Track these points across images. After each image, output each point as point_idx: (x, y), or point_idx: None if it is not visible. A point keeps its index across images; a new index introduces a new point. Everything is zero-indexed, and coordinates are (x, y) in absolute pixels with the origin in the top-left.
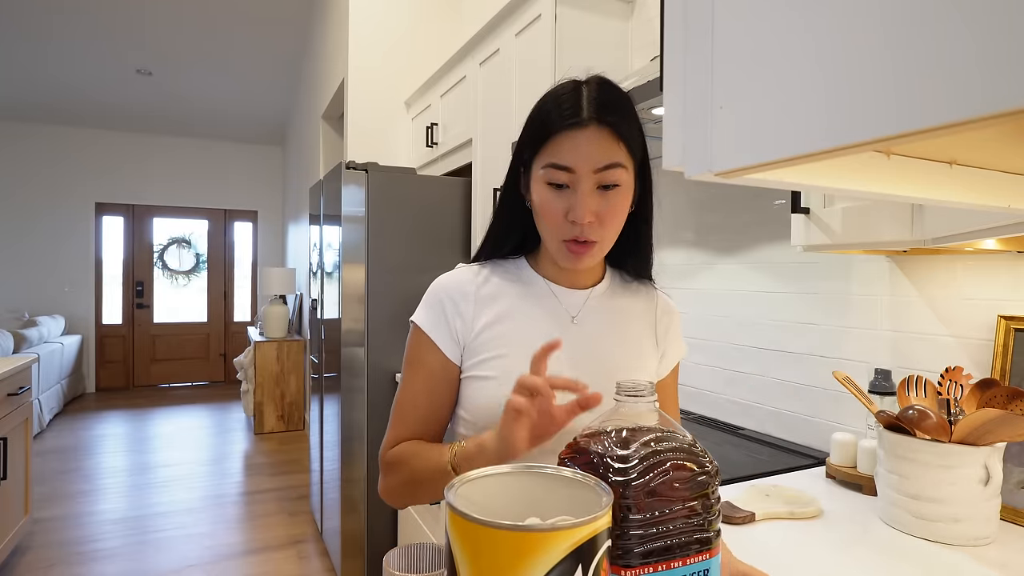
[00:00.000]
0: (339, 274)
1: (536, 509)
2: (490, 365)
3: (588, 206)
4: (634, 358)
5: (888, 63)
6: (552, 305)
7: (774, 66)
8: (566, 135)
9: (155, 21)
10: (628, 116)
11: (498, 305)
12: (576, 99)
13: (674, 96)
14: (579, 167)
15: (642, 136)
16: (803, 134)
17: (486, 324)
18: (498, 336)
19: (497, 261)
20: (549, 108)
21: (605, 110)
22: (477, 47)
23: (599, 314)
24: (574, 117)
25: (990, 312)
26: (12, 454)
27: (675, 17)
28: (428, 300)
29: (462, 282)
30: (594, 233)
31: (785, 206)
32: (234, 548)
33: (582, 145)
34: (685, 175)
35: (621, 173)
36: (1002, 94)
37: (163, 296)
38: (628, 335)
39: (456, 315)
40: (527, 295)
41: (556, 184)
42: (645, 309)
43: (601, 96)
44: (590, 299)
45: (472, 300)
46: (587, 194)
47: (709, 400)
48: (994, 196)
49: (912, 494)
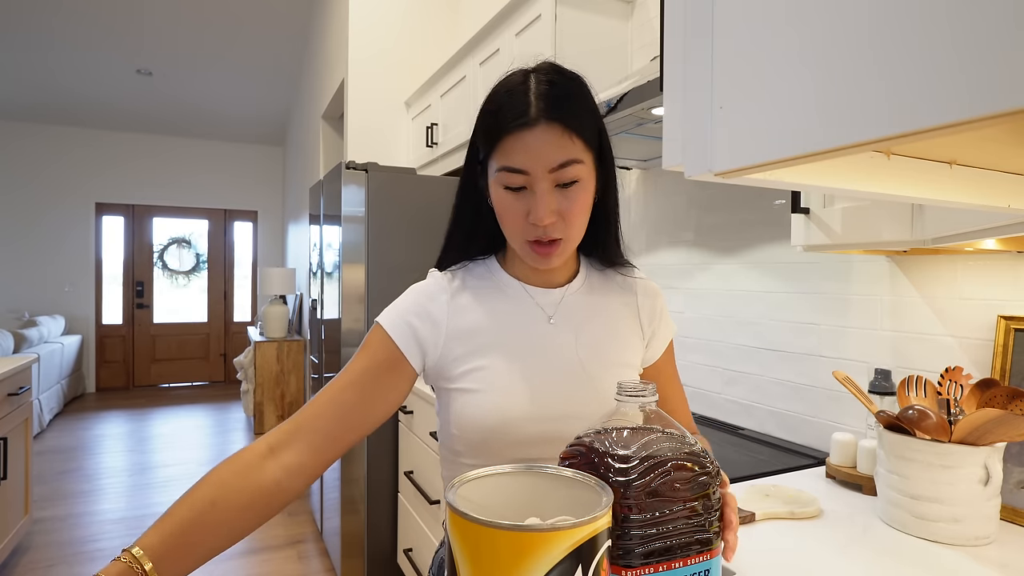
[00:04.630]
0: (339, 274)
1: (536, 509)
2: (472, 377)
3: (548, 207)
4: (615, 352)
5: (888, 63)
6: (527, 307)
7: (774, 66)
8: (515, 136)
9: (155, 21)
10: (580, 105)
11: (473, 314)
12: (523, 95)
13: (674, 96)
14: (533, 169)
15: (597, 121)
16: (803, 134)
17: (463, 335)
18: (477, 348)
19: (468, 265)
20: (496, 106)
21: (554, 104)
22: (477, 47)
23: (576, 311)
24: (522, 117)
25: (990, 312)
26: (12, 454)
27: (675, 18)
28: (401, 305)
29: (436, 291)
30: (558, 232)
31: (785, 206)
32: (234, 548)
33: (533, 146)
34: (685, 175)
35: (578, 168)
36: (1002, 94)
37: (163, 296)
38: (608, 329)
39: (427, 324)
40: (502, 300)
41: (512, 187)
42: (625, 298)
43: (549, 89)
44: (566, 297)
45: (446, 309)
46: (545, 195)
47: (709, 400)
48: (994, 196)
49: (912, 494)
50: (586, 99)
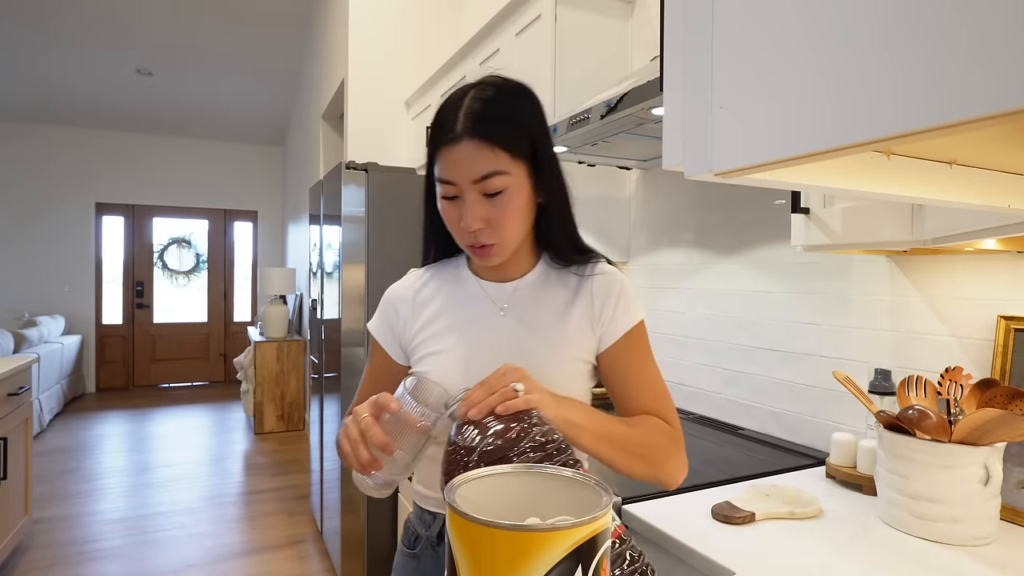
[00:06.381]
0: (339, 274)
1: (536, 509)
2: (427, 361)
3: (475, 215)
4: (560, 342)
5: (888, 63)
6: (481, 300)
7: (774, 66)
8: (446, 150)
9: (155, 21)
10: (507, 119)
11: (432, 307)
12: (455, 112)
13: (674, 96)
14: (459, 181)
15: (529, 132)
16: (803, 134)
17: (423, 325)
18: (433, 335)
19: (443, 262)
20: (435, 122)
21: (478, 122)
22: (477, 47)
23: (526, 304)
24: (449, 133)
25: (990, 312)
26: (12, 454)
27: (675, 17)
28: (379, 308)
29: (404, 289)
30: (488, 237)
31: (785, 206)
32: (234, 548)
33: (459, 160)
34: (685, 175)
35: (503, 179)
36: (1002, 94)
37: (163, 296)
38: (555, 320)
39: (397, 319)
40: (459, 294)
41: (447, 196)
42: (579, 291)
43: (477, 106)
44: (517, 290)
45: (410, 305)
46: (472, 204)
47: (709, 400)
48: (994, 196)
49: (912, 494)
50: (519, 112)
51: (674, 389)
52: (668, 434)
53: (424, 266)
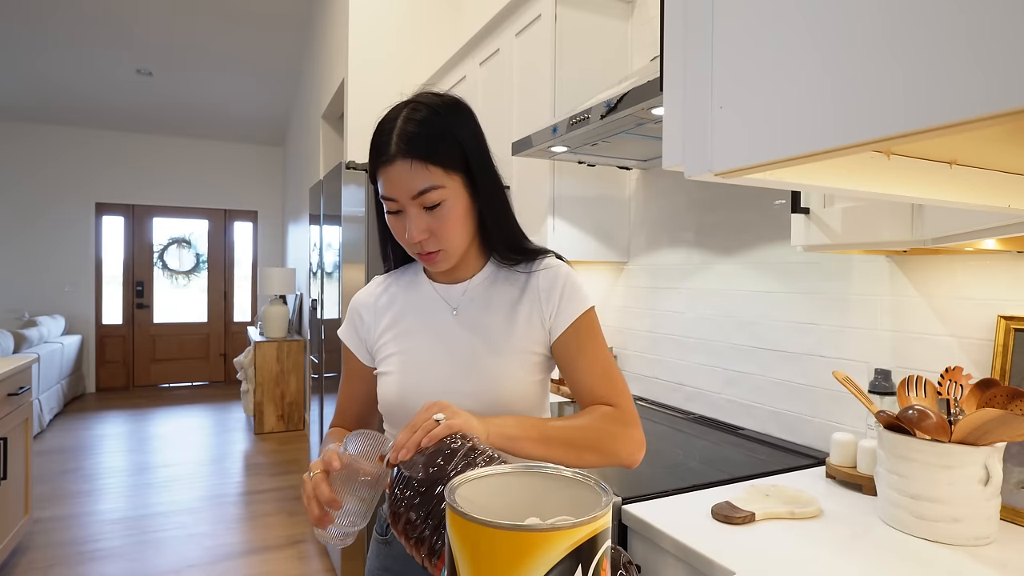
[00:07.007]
0: (339, 274)
1: (536, 509)
2: (388, 363)
3: (417, 227)
4: (508, 338)
5: (888, 63)
6: (435, 302)
7: (774, 66)
8: (383, 170)
9: (155, 21)
10: (439, 137)
11: (392, 311)
12: (388, 134)
13: (674, 96)
14: (399, 197)
15: (461, 146)
16: (803, 134)
17: (384, 328)
18: (394, 337)
19: (403, 268)
20: (372, 143)
21: (408, 142)
22: (477, 47)
23: (476, 303)
24: (384, 155)
25: (990, 312)
26: (12, 454)
27: (675, 17)
28: (347, 315)
29: (367, 296)
30: (432, 246)
31: (785, 206)
32: (234, 548)
33: (395, 179)
34: (685, 175)
35: (439, 192)
36: (1003, 94)
37: (163, 296)
38: (504, 317)
39: (362, 325)
40: (416, 298)
41: (391, 211)
42: (527, 287)
43: (409, 127)
44: (467, 290)
45: (372, 311)
46: (414, 218)
47: (709, 400)
48: (994, 196)
49: (912, 494)
50: (451, 128)
51: (674, 389)
52: (612, 418)
53: (386, 272)
